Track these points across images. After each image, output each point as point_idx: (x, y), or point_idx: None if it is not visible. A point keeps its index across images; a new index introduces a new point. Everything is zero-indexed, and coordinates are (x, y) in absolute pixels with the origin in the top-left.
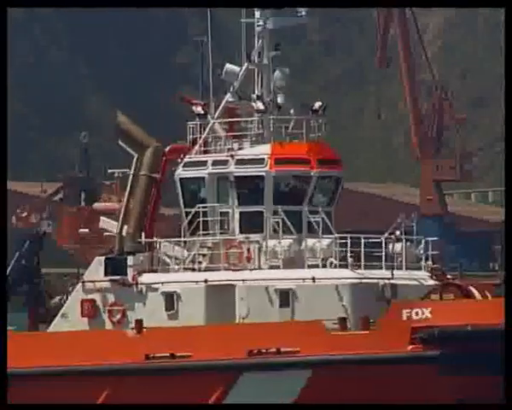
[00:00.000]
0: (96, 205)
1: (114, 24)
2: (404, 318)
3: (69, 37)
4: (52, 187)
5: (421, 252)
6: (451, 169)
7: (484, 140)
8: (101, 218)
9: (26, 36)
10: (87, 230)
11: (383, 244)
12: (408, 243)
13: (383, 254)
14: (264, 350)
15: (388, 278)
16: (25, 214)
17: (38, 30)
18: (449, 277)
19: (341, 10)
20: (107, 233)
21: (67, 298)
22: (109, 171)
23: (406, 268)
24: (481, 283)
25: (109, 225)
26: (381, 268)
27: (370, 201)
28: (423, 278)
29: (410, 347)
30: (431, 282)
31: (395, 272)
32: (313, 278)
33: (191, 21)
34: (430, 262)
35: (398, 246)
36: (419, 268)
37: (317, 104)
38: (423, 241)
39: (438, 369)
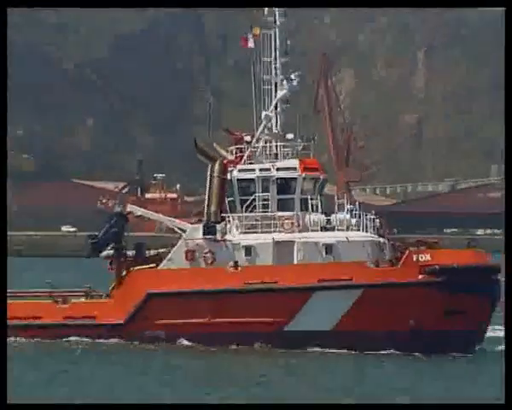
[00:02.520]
0: (147, 195)
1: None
2: (415, 260)
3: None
4: (120, 185)
5: (377, 222)
6: (355, 174)
7: (375, 157)
8: (129, 205)
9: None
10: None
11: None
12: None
13: (362, 223)
14: (326, 278)
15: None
16: (105, 201)
17: (95, 76)
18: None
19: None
20: (137, 214)
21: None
22: (154, 175)
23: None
24: (423, 239)
25: (135, 209)
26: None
27: None
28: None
29: (421, 276)
30: (382, 240)
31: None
32: (347, 237)
33: (201, 76)
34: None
35: (341, 216)
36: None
37: (316, 136)
38: (373, 216)
39: (438, 289)
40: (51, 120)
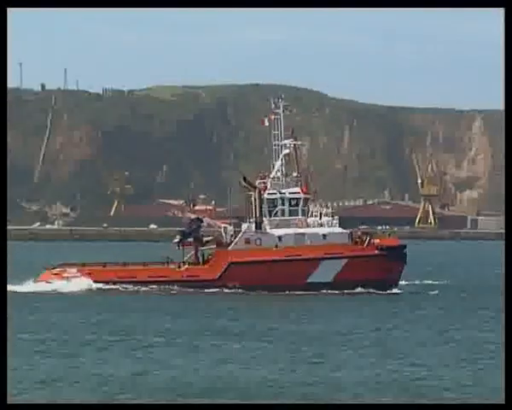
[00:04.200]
0: (196, 207)
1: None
2: (373, 242)
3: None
4: (181, 202)
5: (337, 221)
6: (311, 196)
7: (320, 186)
8: (205, 219)
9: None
10: (193, 216)
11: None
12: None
13: (336, 222)
14: (328, 253)
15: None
16: (174, 211)
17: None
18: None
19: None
20: (210, 225)
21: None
22: (199, 196)
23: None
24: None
25: (208, 222)
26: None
27: None
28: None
29: (376, 251)
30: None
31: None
32: (333, 230)
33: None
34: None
35: (328, 219)
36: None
37: (301, 175)
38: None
39: (386, 258)
40: (143, 167)
